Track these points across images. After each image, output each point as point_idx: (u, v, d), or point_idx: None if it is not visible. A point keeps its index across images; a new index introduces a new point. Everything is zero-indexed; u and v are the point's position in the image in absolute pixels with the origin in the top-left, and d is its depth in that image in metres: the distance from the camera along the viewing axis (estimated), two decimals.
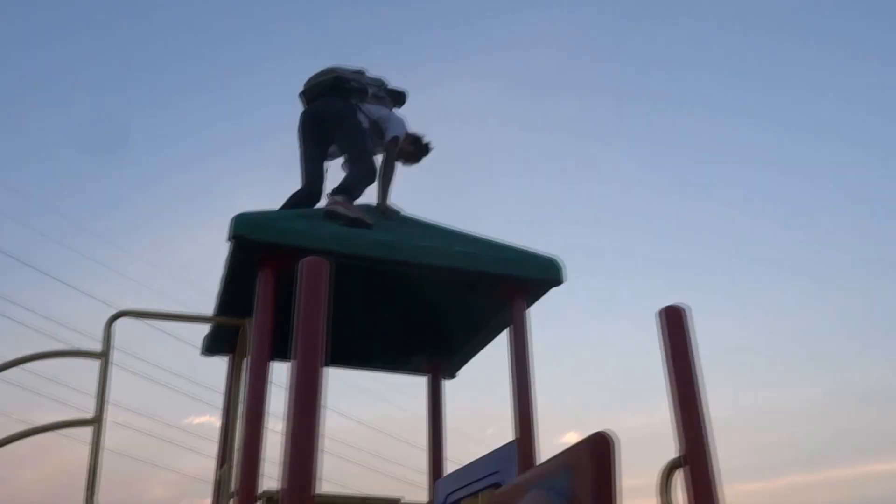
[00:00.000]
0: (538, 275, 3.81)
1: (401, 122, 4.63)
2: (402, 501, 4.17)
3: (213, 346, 4.46)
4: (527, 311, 3.83)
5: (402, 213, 4.37)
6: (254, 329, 3.45)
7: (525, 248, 3.93)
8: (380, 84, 4.81)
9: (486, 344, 4.56)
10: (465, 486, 3.77)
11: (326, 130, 4.53)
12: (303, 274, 2.43)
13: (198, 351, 4.60)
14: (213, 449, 4.45)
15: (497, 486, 3.50)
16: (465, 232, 4.10)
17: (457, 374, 4.88)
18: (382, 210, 4.28)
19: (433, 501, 4.14)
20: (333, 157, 4.61)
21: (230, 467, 3.81)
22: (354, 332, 4.54)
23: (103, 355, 3.70)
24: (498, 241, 4.01)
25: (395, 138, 4.53)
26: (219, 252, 3.78)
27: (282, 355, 4.46)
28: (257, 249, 3.49)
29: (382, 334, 4.60)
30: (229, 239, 3.48)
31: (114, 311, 3.78)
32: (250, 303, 3.97)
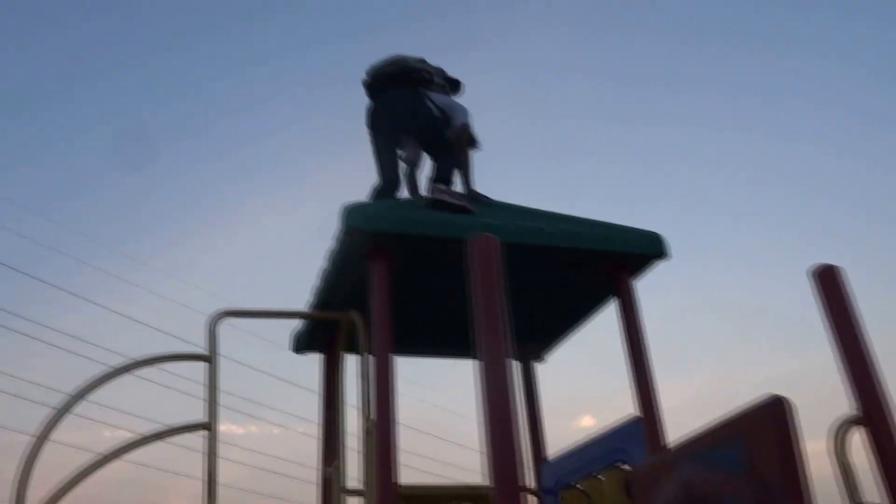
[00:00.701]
0: (642, 249, 3.78)
1: (464, 109, 4.61)
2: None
3: (306, 342, 4.41)
4: (634, 285, 3.80)
5: (490, 198, 4.33)
6: (375, 322, 3.40)
7: (624, 225, 3.89)
8: (440, 73, 4.79)
9: (577, 325, 4.52)
10: (580, 466, 3.73)
11: (399, 122, 4.49)
12: (474, 253, 2.36)
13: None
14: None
15: (621, 464, 3.46)
16: (557, 212, 4.06)
17: (545, 357, 4.83)
18: (473, 196, 4.23)
19: (540, 485, 4.10)
20: (406, 147, 4.57)
21: (340, 464, 3.77)
22: (442, 320, 4.49)
23: (210, 358, 3.65)
24: (592, 218, 3.97)
25: (464, 125, 4.50)
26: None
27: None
28: (370, 240, 3.44)
29: (462, 319, 4.53)
30: (341, 230, 3.44)
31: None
32: (350, 296, 3.94)
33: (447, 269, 3.91)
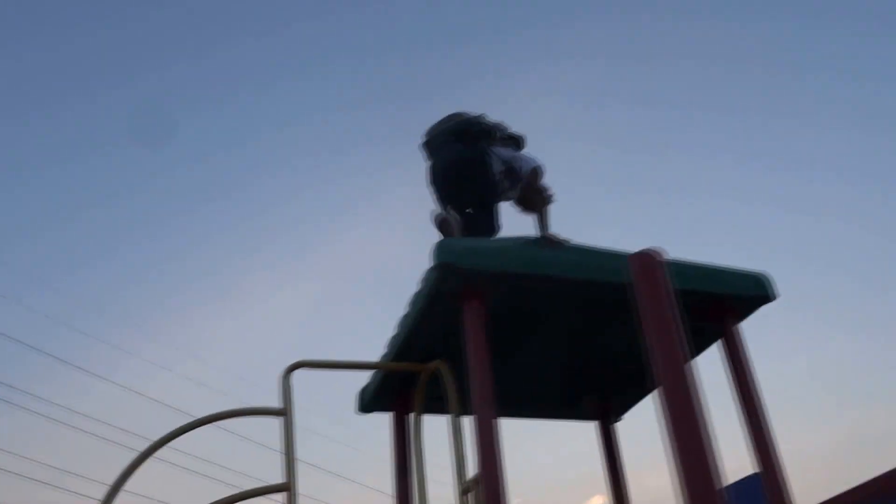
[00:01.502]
0: (750, 291, 3.51)
1: (532, 158, 4.45)
2: None
3: (374, 400, 4.08)
4: (741, 330, 3.53)
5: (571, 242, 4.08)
6: (473, 370, 3.10)
7: (726, 266, 3.63)
8: (501, 128, 4.63)
9: (649, 391, 4.21)
10: None
11: (460, 178, 4.30)
12: (638, 270, 2.10)
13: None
14: None
15: None
16: None
17: (622, 416, 4.51)
18: (551, 241, 3.99)
19: None
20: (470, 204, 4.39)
21: None
22: (516, 377, 4.18)
23: (285, 412, 3.34)
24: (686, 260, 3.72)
25: (535, 168, 4.35)
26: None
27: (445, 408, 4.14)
28: (464, 279, 3.17)
29: (547, 376, 4.24)
30: (432, 268, 3.17)
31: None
32: (429, 348, 3.65)
33: (547, 315, 3.65)
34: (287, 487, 3.18)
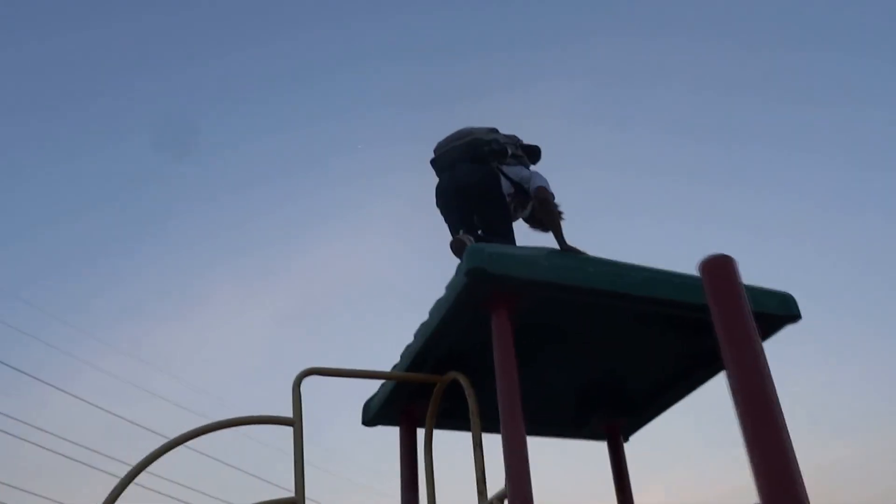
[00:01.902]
0: (775, 310, 3.43)
1: (540, 176, 4.36)
2: None
3: (381, 413, 3.92)
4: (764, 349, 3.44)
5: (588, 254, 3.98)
6: (501, 382, 2.97)
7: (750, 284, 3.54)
8: (515, 142, 4.54)
9: (679, 398, 4.11)
10: None
11: (469, 201, 4.22)
12: (710, 275, 1.99)
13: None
14: None
15: None
16: (669, 270, 3.71)
17: (630, 437, 4.39)
18: (574, 252, 3.89)
19: None
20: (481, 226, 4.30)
21: None
22: (528, 392, 4.05)
23: (295, 422, 3.18)
24: None
25: (541, 187, 4.24)
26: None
27: (452, 423, 3.99)
28: (494, 285, 3.05)
29: (559, 394, 4.11)
30: (461, 273, 3.04)
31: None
32: (444, 359, 3.52)
33: (567, 330, 3.53)
34: (295, 502, 3.01)
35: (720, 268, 1.98)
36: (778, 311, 3.43)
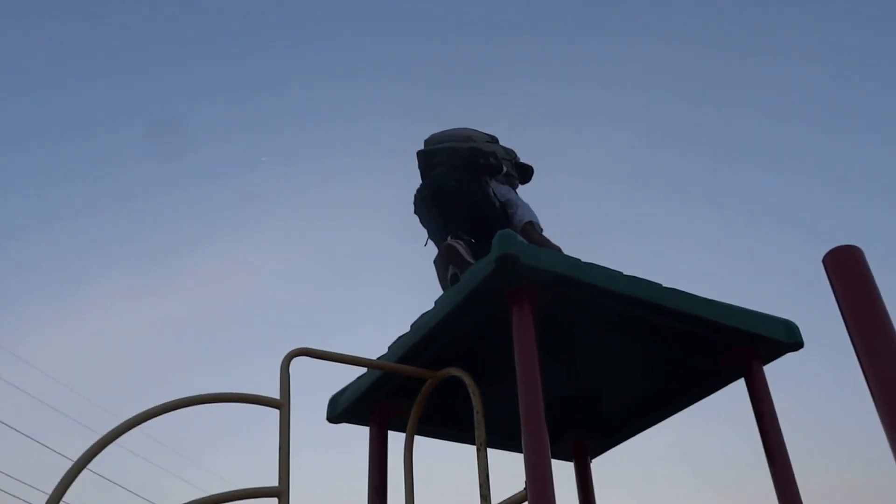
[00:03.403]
0: (778, 336, 3.37)
1: (528, 208, 4.15)
2: None
3: (351, 410, 3.60)
4: (764, 373, 3.38)
5: None
6: (522, 379, 2.75)
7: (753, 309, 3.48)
8: (511, 157, 4.33)
9: (654, 424, 3.99)
10: None
11: (455, 210, 3.98)
12: (836, 263, 1.85)
13: None
14: None
15: None
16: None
17: (596, 457, 4.24)
18: None
19: None
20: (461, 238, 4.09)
21: None
22: (504, 402, 3.85)
23: (282, 404, 2.86)
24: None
25: (531, 223, 4.02)
26: None
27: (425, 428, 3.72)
28: (522, 276, 2.84)
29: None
30: (491, 259, 2.82)
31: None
32: (438, 355, 3.29)
33: (576, 338, 3.36)
34: (279, 492, 2.69)
35: (848, 258, 1.85)
36: (782, 337, 3.38)
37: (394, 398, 3.57)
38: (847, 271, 1.84)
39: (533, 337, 2.83)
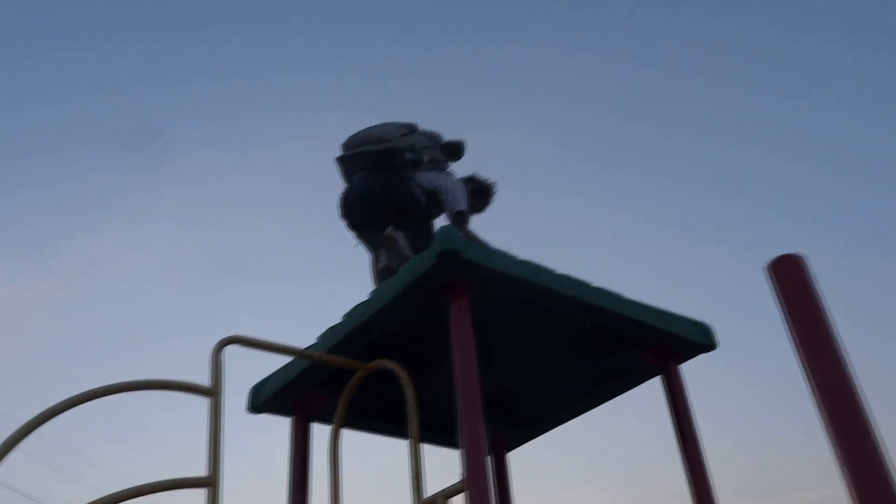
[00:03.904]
0: (694, 337, 3.52)
1: (459, 189, 4.17)
2: None
3: (274, 400, 3.54)
4: (681, 371, 3.53)
5: None
6: (459, 370, 2.78)
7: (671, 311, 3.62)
8: (434, 141, 4.29)
9: (570, 418, 4.10)
10: None
11: (380, 213, 3.96)
12: (777, 277, 1.94)
13: None
14: None
15: None
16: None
17: (512, 450, 4.32)
18: None
19: None
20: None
21: None
22: (429, 395, 3.86)
23: (214, 392, 2.79)
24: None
25: (461, 213, 4.05)
26: None
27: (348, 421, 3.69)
28: (461, 271, 2.87)
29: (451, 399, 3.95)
30: (433, 254, 2.83)
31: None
32: (371, 346, 3.27)
33: (505, 333, 3.40)
34: (210, 482, 2.62)
35: (791, 267, 1.95)
36: (697, 338, 3.53)
37: (318, 389, 3.53)
38: (790, 278, 1.94)
39: (471, 331, 2.86)
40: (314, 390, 3.53)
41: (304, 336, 3.54)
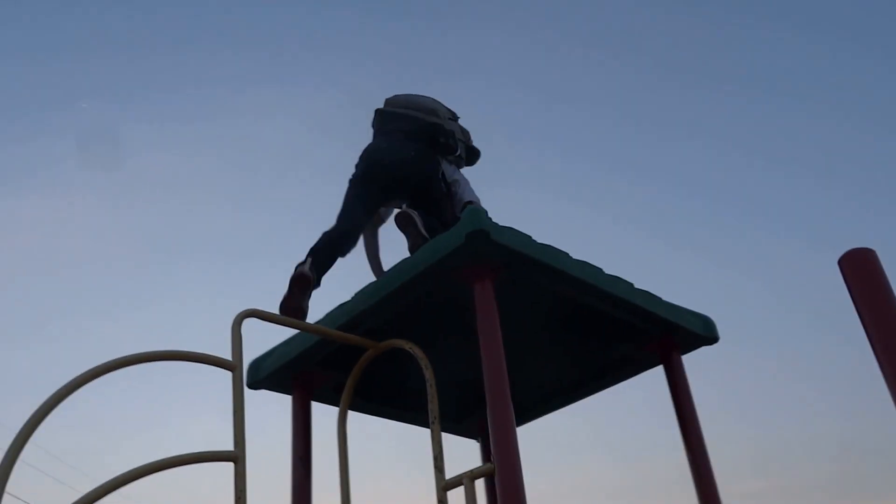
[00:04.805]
0: (696, 329, 3.57)
1: (471, 188, 4.17)
2: None
3: (274, 377, 3.44)
4: (682, 361, 3.57)
5: None
6: (490, 361, 2.75)
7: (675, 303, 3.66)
8: (466, 139, 4.30)
9: (560, 407, 4.12)
10: None
11: (403, 184, 3.91)
12: (848, 271, 1.96)
13: None
14: None
15: None
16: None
17: None
18: None
19: None
20: (395, 207, 4.03)
21: None
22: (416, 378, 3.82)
23: (235, 365, 2.70)
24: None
25: (471, 203, 4.01)
26: None
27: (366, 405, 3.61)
28: (489, 253, 2.83)
29: (452, 383, 3.92)
30: (462, 234, 2.78)
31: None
32: (378, 329, 3.21)
33: (515, 319, 3.37)
34: (235, 457, 2.54)
35: (862, 261, 1.98)
36: (700, 330, 3.58)
37: (320, 368, 3.46)
38: (862, 272, 1.97)
39: (496, 314, 2.83)
40: (316, 368, 3.45)
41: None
